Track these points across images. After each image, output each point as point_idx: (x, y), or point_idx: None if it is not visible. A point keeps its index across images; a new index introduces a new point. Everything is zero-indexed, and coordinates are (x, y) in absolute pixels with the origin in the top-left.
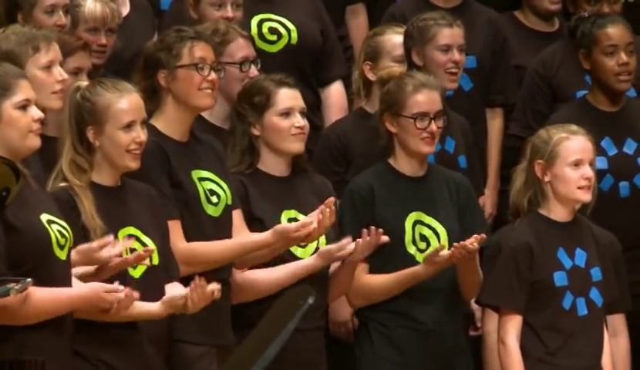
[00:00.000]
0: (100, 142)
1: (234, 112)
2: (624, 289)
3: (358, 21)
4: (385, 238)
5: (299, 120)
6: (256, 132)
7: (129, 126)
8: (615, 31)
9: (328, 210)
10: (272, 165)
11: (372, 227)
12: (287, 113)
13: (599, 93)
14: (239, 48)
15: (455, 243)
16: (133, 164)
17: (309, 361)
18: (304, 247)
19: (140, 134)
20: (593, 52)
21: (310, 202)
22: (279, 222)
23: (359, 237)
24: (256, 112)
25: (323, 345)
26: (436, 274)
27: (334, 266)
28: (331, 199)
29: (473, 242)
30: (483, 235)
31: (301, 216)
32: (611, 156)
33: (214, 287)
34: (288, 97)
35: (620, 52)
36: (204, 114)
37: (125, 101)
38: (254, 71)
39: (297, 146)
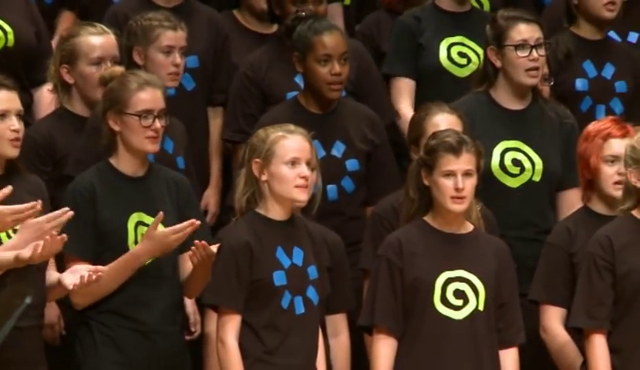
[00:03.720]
0: None
1: None
2: (347, 289)
3: (67, 22)
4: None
5: (14, 123)
6: None
7: None
8: (330, 40)
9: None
10: None
11: None
12: (2, 115)
13: (310, 96)
14: None
15: (197, 242)
16: None
17: (26, 359)
18: None
19: None
20: (307, 57)
21: (26, 200)
22: None
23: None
24: None
25: (41, 344)
26: (156, 253)
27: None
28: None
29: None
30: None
31: None
32: (319, 159)
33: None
34: (4, 99)
35: (334, 61)
36: None
37: None
38: None
39: (12, 152)
